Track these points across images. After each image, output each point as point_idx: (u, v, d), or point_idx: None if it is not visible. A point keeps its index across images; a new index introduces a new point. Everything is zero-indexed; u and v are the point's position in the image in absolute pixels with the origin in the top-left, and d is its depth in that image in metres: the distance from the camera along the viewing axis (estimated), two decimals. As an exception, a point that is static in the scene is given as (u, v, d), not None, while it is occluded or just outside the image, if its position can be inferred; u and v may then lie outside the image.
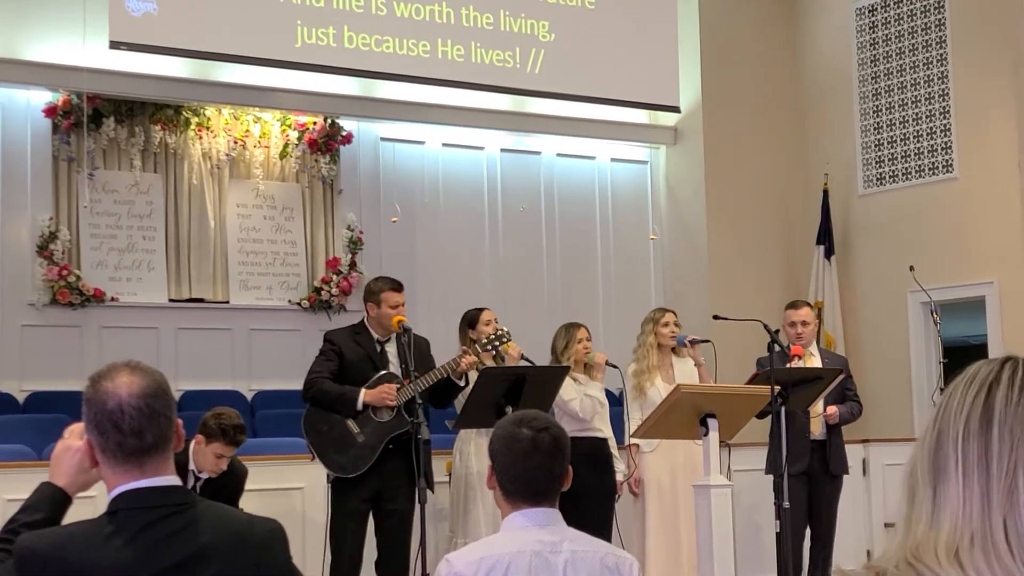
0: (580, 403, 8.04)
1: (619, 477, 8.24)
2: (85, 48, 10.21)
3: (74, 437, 2.79)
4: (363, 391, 7.20)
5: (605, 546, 3.64)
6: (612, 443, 8.30)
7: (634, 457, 8.32)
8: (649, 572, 8.22)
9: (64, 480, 2.79)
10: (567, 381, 7.86)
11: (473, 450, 7.79)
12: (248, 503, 6.91)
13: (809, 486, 8.29)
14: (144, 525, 2.57)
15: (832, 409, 8.30)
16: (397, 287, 7.57)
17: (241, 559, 2.63)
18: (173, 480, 2.67)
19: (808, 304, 8.81)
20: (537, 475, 3.50)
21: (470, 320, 8.24)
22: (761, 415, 7.79)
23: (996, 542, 1.56)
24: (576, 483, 7.72)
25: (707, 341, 8.33)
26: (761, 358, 8.45)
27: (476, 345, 7.70)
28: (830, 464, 8.39)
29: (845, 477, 8.66)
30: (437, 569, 3.49)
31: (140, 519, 2.58)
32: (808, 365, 8.20)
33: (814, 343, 8.75)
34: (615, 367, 8.32)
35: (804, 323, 8.52)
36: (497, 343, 7.70)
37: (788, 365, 7.89)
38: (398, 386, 7.20)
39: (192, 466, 6.74)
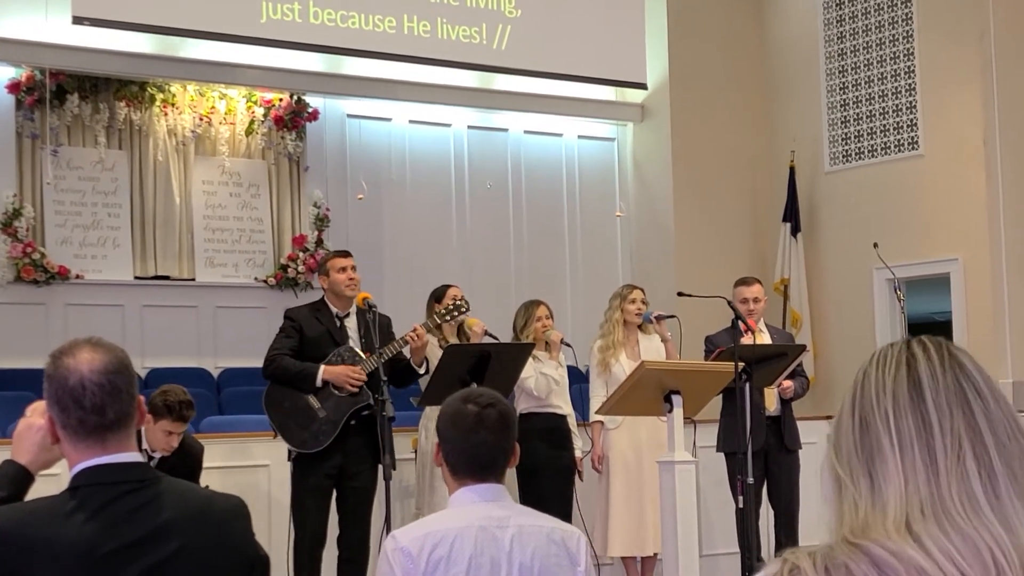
0: (535, 381, 8.09)
1: (578, 454, 8.29)
2: (48, 24, 10.14)
3: (36, 415, 2.79)
4: (322, 367, 7.20)
5: (552, 521, 3.64)
6: (572, 420, 8.34)
7: (597, 434, 8.36)
8: (613, 548, 8.27)
9: (26, 458, 2.79)
10: None
11: (435, 427, 7.77)
12: (213, 480, 6.91)
13: (766, 462, 8.33)
14: (106, 501, 2.57)
15: (786, 383, 8.33)
16: (343, 253, 7.65)
17: (203, 535, 2.64)
18: (135, 456, 2.66)
19: (758, 281, 8.83)
20: (482, 451, 3.51)
21: (437, 296, 8.25)
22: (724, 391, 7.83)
23: (948, 508, 1.55)
24: (534, 459, 7.87)
25: (672, 317, 8.36)
26: (710, 335, 8.49)
27: (435, 316, 7.72)
28: (785, 439, 8.44)
29: (803, 452, 8.72)
30: (383, 545, 3.50)
31: (102, 495, 2.57)
32: (759, 341, 8.22)
33: (762, 319, 8.77)
34: (569, 345, 8.36)
35: (756, 299, 8.56)
36: (455, 312, 7.72)
37: (744, 339, 7.91)
38: (363, 369, 7.19)
39: (145, 445, 6.74)
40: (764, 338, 8.44)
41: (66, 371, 2.61)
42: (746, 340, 7.81)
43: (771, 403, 8.36)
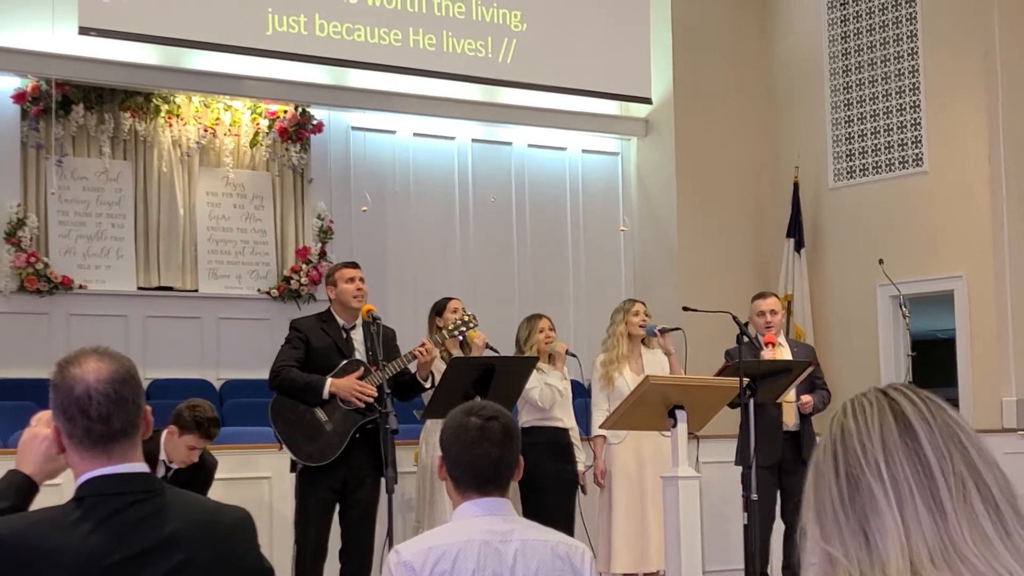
0: (540, 392, 8.06)
1: (580, 467, 8.25)
2: (54, 34, 10.14)
3: (41, 425, 2.77)
4: (329, 380, 7.15)
5: (557, 535, 3.60)
6: (575, 433, 8.31)
7: (600, 449, 8.33)
8: (616, 564, 8.23)
9: (31, 468, 2.77)
10: None
11: (439, 440, 7.74)
12: (216, 492, 6.89)
13: (780, 478, 8.30)
14: (111, 512, 2.55)
15: (806, 398, 8.32)
16: (350, 264, 7.59)
17: (208, 547, 2.62)
18: (141, 467, 2.64)
19: (775, 294, 8.86)
20: (485, 464, 3.48)
21: (438, 309, 8.25)
22: (733, 405, 7.80)
23: (963, 553, 1.47)
24: (537, 472, 7.86)
25: (677, 329, 8.33)
26: (730, 349, 8.47)
27: (443, 331, 7.69)
28: (803, 453, 8.41)
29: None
30: (386, 559, 3.47)
31: (107, 505, 2.55)
32: (778, 355, 8.22)
33: (782, 333, 8.78)
34: (574, 356, 8.34)
35: (772, 312, 8.57)
36: (464, 328, 7.68)
37: (762, 353, 7.92)
38: (372, 383, 7.15)
39: (163, 456, 6.71)
40: (784, 352, 8.44)
41: (72, 381, 2.59)
42: (766, 354, 7.81)
43: (790, 418, 8.35)
